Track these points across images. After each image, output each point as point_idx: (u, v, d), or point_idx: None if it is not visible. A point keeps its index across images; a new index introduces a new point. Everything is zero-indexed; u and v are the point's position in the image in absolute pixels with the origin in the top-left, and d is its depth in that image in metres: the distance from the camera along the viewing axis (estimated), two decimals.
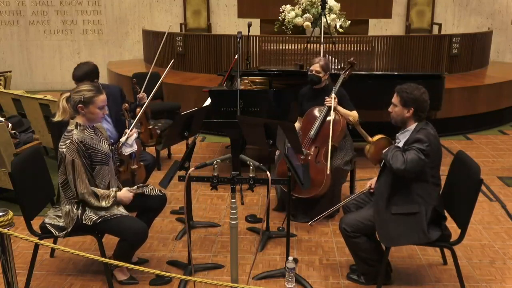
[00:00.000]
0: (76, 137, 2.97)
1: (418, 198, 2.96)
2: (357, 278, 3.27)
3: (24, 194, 3.01)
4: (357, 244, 3.10)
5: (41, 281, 3.31)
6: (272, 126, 3.47)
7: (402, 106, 2.99)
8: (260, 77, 5.27)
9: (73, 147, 2.94)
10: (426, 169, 2.92)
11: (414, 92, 2.97)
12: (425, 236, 2.95)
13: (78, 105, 3.00)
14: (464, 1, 9.56)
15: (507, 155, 5.79)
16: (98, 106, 3.04)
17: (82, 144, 2.97)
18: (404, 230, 2.96)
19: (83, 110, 3.02)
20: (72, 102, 3.02)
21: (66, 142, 2.96)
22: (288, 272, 3.20)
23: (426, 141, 2.88)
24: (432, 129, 2.98)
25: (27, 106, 5.34)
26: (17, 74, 9.40)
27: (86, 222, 3.01)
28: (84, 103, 3.00)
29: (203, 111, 4.14)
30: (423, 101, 2.97)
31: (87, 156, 3.00)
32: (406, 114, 2.99)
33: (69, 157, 2.93)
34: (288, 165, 3.08)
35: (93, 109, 3.02)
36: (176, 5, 9.71)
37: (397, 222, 2.97)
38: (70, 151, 2.94)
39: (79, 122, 3.04)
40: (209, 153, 5.90)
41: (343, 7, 7.06)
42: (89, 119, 3.06)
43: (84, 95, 2.99)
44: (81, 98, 2.99)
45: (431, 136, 2.92)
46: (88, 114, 3.03)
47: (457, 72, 7.38)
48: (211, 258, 3.60)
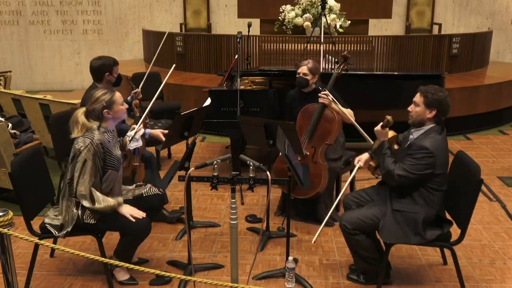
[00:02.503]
0: (97, 138, 2.97)
1: (420, 200, 2.97)
2: (357, 278, 3.28)
3: (24, 194, 3.00)
4: (357, 242, 3.10)
5: (41, 281, 3.31)
6: (272, 126, 3.47)
7: (425, 106, 2.96)
8: (260, 77, 5.27)
9: (91, 147, 2.94)
10: (432, 176, 2.94)
11: (439, 93, 2.94)
12: (421, 238, 2.96)
13: (104, 111, 3.04)
14: (464, 1, 9.56)
15: (507, 155, 5.79)
16: (120, 102, 3.12)
17: (101, 145, 2.98)
18: (404, 229, 2.97)
19: (109, 114, 3.06)
20: (95, 113, 3.04)
21: (85, 141, 2.96)
22: (288, 272, 3.20)
23: (431, 151, 2.86)
24: (443, 138, 2.96)
25: (27, 106, 5.34)
26: (17, 74, 9.40)
27: (88, 221, 3.00)
28: (108, 107, 3.05)
29: (203, 111, 4.14)
30: (446, 104, 2.95)
31: (102, 158, 3.00)
32: (427, 115, 2.96)
33: (83, 156, 2.94)
34: (288, 165, 3.08)
35: (117, 107, 3.09)
36: (176, 5, 9.71)
37: (397, 220, 2.98)
38: (87, 151, 2.94)
39: (102, 125, 3.06)
40: (209, 153, 5.90)
41: (343, 7, 7.07)
42: (116, 118, 3.14)
43: (104, 100, 3.04)
44: (102, 104, 3.03)
45: (438, 145, 2.89)
46: (114, 115, 3.09)
47: (457, 72, 7.38)
48: (211, 258, 3.60)
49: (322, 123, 3.95)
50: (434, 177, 2.94)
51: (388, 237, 3.00)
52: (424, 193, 2.97)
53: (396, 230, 2.98)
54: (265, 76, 5.25)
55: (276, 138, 3.23)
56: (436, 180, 2.96)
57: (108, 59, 4.04)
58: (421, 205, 2.97)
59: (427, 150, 2.87)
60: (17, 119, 4.96)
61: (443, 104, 2.94)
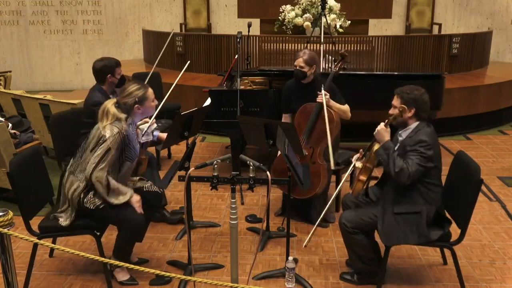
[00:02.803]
0: (125, 129, 3.04)
1: (420, 199, 2.98)
2: (351, 278, 3.27)
3: (23, 194, 3.00)
4: (355, 241, 3.10)
5: (41, 281, 3.31)
6: (272, 126, 3.47)
7: (402, 106, 3.01)
8: (260, 77, 5.27)
9: (118, 137, 2.99)
10: (430, 171, 2.95)
11: (414, 92, 3.01)
12: (425, 238, 2.96)
13: (135, 106, 3.10)
14: (464, 1, 9.56)
15: (507, 155, 5.79)
16: (152, 99, 3.18)
17: (127, 137, 3.05)
18: (405, 230, 2.97)
19: (140, 109, 3.13)
20: (126, 106, 3.10)
21: (113, 129, 3.00)
22: (288, 272, 3.20)
23: (429, 143, 2.89)
24: (434, 131, 3.00)
25: (27, 106, 5.34)
26: (17, 74, 9.40)
27: (88, 206, 3.02)
28: (140, 102, 3.11)
29: (203, 111, 4.14)
30: (423, 101, 3.00)
31: (123, 150, 3.05)
32: (407, 115, 3.01)
33: (108, 144, 2.97)
34: (288, 165, 3.08)
35: (148, 103, 3.17)
36: (176, 5, 9.71)
37: (399, 222, 2.98)
38: (113, 140, 2.98)
39: (129, 117, 3.11)
40: (209, 153, 5.90)
41: (343, 7, 7.07)
42: (144, 114, 3.22)
43: (137, 95, 3.10)
44: (135, 99, 3.09)
45: (432, 138, 2.94)
46: (144, 110, 3.17)
47: (457, 72, 7.37)
48: (211, 258, 3.60)
49: (320, 123, 3.91)
50: (431, 171, 2.95)
51: (390, 240, 3.00)
52: (423, 191, 2.97)
53: (397, 232, 2.98)
54: (265, 76, 5.25)
55: (276, 138, 3.23)
56: (433, 175, 2.97)
57: (110, 60, 4.03)
58: (422, 204, 2.97)
59: (426, 143, 2.90)
60: (17, 119, 4.96)
61: (419, 101, 3.00)
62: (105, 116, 3.06)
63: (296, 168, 3.05)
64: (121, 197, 3.05)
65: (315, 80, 4.12)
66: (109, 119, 3.04)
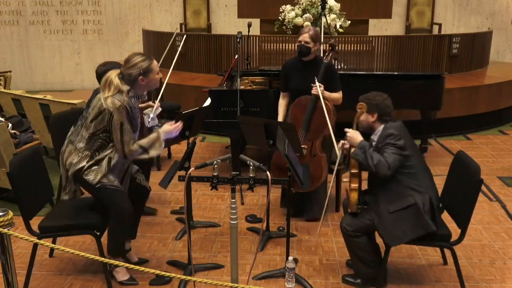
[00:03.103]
0: (127, 102, 2.97)
1: (409, 191, 2.99)
2: (353, 280, 3.27)
3: (23, 194, 3.00)
4: (356, 244, 3.11)
5: (41, 281, 3.31)
6: (272, 126, 3.47)
7: (366, 112, 3.13)
8: (260, 77, 5.26)
9: (123, 111, 2.94)
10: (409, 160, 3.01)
11: (376, 98, 3.14)
12: (428, 226, 2.96)
13: (139, 78, 3.01)
14: (464, 1, 9.55)
15: (507, 155, 5.79)
16: (156, 71, 3.08)
17: (131, 109, 2.99)
18: (407, 225, 2.98)
19: (144, 81, 3.03)
20: (131, 78, 3.00)
21: (115, 102, 2.94)
22: (288, 272, 3.19)
23: (397, 134, 3.01)
24: (400, 123, 3.11)
25: (27, 106, 5.34)
26: (17, 74, 9.40)
27: (87, 178, 3.02)
28: (144, 74, 3.02)
29: (204, 111, 4.14)
30: (385, 106, 3.12)
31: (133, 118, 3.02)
32: (370, 119, 3.13)
33: (118, 119, 2.94)
34: (288, 165, 3.08)
35: (153, 76, 3.06)
36: (176, 5, 9.71)
37: (398, 219, 2.99)
38: (119, 113, 2.94)
39: (132, 90, 3.04)
40: (209, 153, 5.90)
41: (343, 7, 7.06)
42: (148, 87, 3.11)
43: (142, 66, 3.01)
44: (139, 70, 3.00)
45: (400, 128, 3.06)
46: (148, 82, 3.06)
47: (457, 72, 7.37)
48: (211, 258, 3.60)
49: (316, 116, 3.91)
50: (410, 160, 3.00)
51: (395, 241, 3.01)
52: (409, 182, 3.00)
53: (399, 230, 2.99)
54: (265, 76, 5.25)
55: (276, 138, 3.23)
56: (412, 163, 3.01)
57: (113, 65, 4.02)
58: (413, 195, 2.98)
59: (394, 135, 3.01)
60: (17, 119, 4.96)
61: (381, 106, 3.11)
62: (107, 87, 2.99)
63: (296, 168, 3.05)
64: (157, 144, 3.07)
65: (316, 58, 4.08)
66: (111, 91, 2.97)
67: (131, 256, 3.49)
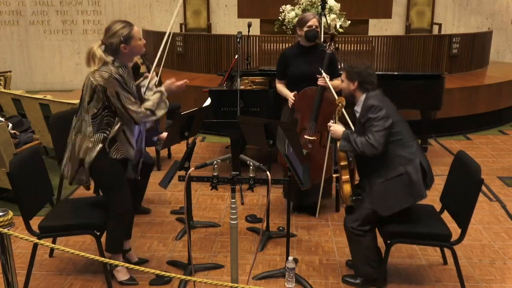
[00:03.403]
0: (114, 71, 2.90)
1: (396, 160, 2.99)
2: (353, 280, 3.27)
3: (23, 194, 3.00)
4: (362, 243, 3.11)
5: (41, 281, 3.31)
6: (272, 126, 3.47)
7: (347, 80, 3.15)
8: (260, 77, 5.27)
9: (112, 80, 2.88)
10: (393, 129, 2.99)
11: (358, 66, 3.14)
12: (419, 196, 2.99)
13: (121, 46, 2.93)
14: (464, 1, 9.55)
15: (507, 155, 5.79)
16: (138, 37, 3.00)
17: (121, 78, 2.92)
18: (398, 194, 2.99)
19: (126, 49, 2.96)
20: (112, 47, 2.93)
21: (103, 75, 2.88)
22: (288, 272, 3.19)
23: (378, 105, 2.98)
24: (380, 92, 3.11)
25: (27, 106, 5.34)
26: (17, 74, 9.40)
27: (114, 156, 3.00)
28: (126, 41, 2.94)
29: (203, 111, 4.14)
30: (367, 74, 3.10)
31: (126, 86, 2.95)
32: (351, 87, 3.13)
33: (112, 91, 2.89)
34: (288, 165, 3.08)
35: (134, 42, 2.98)
36: (176, 5, 9.71)
37: (388, 189, 3.00)
38: (111, 84, 2.88)
39: (117, 60, 2.97)
40: (209, 153, 5.90)
41: (343, 7, 7.06)
42: (132, 54, 3.04)
43: (122, 34, 2.93)
44: (120, 38, 2.92)
45: (379, 96, 3.05)
46: (131, 50, 2.99)
47: (457, 72, 7.37)
48: (211, 258, 3.60)
49: (324, 107, 3.93)
50: (394, 128, 2.98)
51: (387, 209, 3.02)
52: (395, 150, 2.99)
53: (390, 199, 3.01)
54: (265, 76, 5.25)
55: (276, 138, 3.23)
56: (396, 131, 2.99)
57: None
58: (402, 165, 2.98)
59: (374, 106, 2.99)
60: (17, 119, 4.95)
61: (363, 74, 3.10)
62: (92, 60, 2.92)
63: (296, 168, 3.05)
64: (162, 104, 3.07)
65: (317, 44, 4.09)
66: (96, 63, 2.90)
67: (131, 256, 3.49)
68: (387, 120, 2.96)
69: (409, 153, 3.00)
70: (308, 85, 3.99)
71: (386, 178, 3.02)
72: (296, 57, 4.11)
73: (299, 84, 4.01)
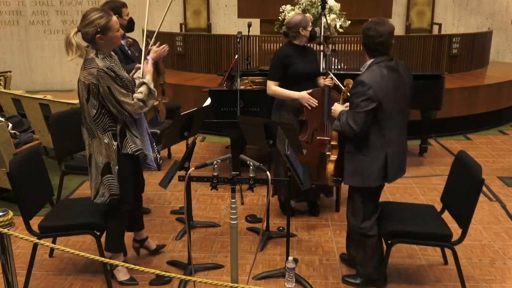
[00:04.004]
0: (101, 65, 2.82)
1: (366, 142, 2.95)
2: (353, 280, 3.26)
3: (23, 194, 3.00)
4: (369, 243, 3.11)
5: (41, 281, 3.31)
6: (272, 126, 3.47)
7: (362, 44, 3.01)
8: (260, 77, 5.27)
9: (102, 74, 2.80)
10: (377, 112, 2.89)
11: (375, 27, 2.89)
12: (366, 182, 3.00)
13: (97, 36, 2.82)
14: (464, 1, 9.55)
15: (507, 155, 5.79)
16: (116, 29, 2.89)
17: (109, 70, 2.84)
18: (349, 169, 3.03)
19: (102, 40, 2.85)
20: (88, 36, 2.84)
21: (91, 71, 2.81)
22: (288, 272, 3.20)
23: (367, 83, 2.84)
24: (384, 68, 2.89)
25: (27, 106, 5.34)
26: (17, 74, 9.39)
27: (127, 151, 2.98)
28: (102, 32, 2.83)
29: (203, 111, 4.14)
30: (368, 36, 2.90)
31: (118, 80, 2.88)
32: (362, 50, 3.01)
33: (103, 86, 2.81)
34: (288, 165, 3.08)
35: (112, 33, 2.88)
36: (176, 5, 9.70)
37: (347, 160, 3.04)
38: (102, 79, 2.81)
39: (99, 50, 2.88)
40: (209, 153, 5.90)
41: (343, 7, 7.05)
42: (108, 45, 2.91)
43: (99, 24, 2.82)
44: (96, 28, 2.81)
45: (375, 76, 2.87)
46: (107, 41, 2.87)
47: (457, 72, 7.37)
48: (211, 258, 3.60)
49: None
50: (380, 112, 2.88)
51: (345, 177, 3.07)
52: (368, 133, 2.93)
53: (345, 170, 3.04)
54: (265, 76, 5.23)
55: (276, 138, 3.23)
56: (381, 116, 2.89)
57: (115, 2, 3.89)
58: (368, 147, 2.95)
59: (363, 84, 2.85)
60: (17, 119, 4.95)
61: (366, 37, 2.90)
62: (69, 48, 2.81)
63: (296, 168, 3.05)
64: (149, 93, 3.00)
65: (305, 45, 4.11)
66: (74, 52, 2.80)
67: (150, 243, 3.56)
68: (371, 103, 2.83)
69: (378, 142, 2.94)
70: (310, 83, 3.99)
71: (349, 151, 3.04)
72: (296, 56, 4.08)
73: (302, 83, 3.99)
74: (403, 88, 2.97)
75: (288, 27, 4.01)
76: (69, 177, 4.55)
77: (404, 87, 2.97)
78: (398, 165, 3.05)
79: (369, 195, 3.09)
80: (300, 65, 4.01)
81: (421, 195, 4.65)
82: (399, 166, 3.06)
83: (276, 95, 4.04)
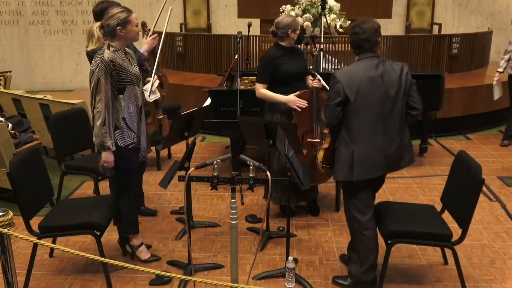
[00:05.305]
0: (107, 56, 3.06)
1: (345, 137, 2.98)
2: (343, 281, 3.24)
3: (23, 194, 3.01)
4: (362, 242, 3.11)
5: (41, 281, 3.31)
6: (272, 126, 3.47)
7: None
8: None
9: (102, 65, 3.03)
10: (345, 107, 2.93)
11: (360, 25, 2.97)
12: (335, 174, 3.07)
13: (117, 28, 3.11)
14: (464, 1, 9.55)
15: (507, 155, 5.79)
16: (135, 23, 3.20)
17: (112, 63, 3.06)
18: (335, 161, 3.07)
19: (122, 32, 3.13)
20: (109, 28, 3.11)
21: (96, 60, 3.06)
22: (288, 272, 3.20)
23: (338, 78, 2.92)
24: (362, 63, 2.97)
25: (27, 106, 5.34)
26: (17, 74, 9.39)
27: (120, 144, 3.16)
28: (122, 25, 3.12)
29: (203, 111, 4.14)
30: (353, 33, 2.99)
31: (114, 75, 3.07)
32: None
33: (96, 75, 3.04)
34: (288, 165, 3.08)
35: (131, 27, 3.17)
36: (176, 5, 9.70)
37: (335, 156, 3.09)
38: (99, 70, 3.03)
39: (112, 44, 3.14)
40: (209, 153, 5.90)
41: (343, 7, 7.06)
42: (127, 39, 3.20)
43: (120, 17, 3.12)
44: (117, 21, 3.11)
45: (349, 71, 2.98)
46: (127, 34, 3.16)
47: (457, 72, 7.37)
48: (211, 258, 3.60)
49: (322, 107, 3.92)
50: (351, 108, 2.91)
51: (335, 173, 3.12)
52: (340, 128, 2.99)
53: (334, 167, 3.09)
54: None
55: (276, 138, 3.23)
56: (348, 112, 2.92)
57: (110, 2, 3.93)
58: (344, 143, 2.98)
59: (333, 78, 2.95)
60: (17, 119, 4.96)
61: (352, 32, 3.01)
62: (90, 39, 3.12)
63: (296, 168, 3.05)
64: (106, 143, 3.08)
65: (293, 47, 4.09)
66: (94, 43, 3.10)
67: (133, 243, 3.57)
68: (337, 97, 2.91)
69: (348, 137, 2.97)
70: (300, 82, 3.97)
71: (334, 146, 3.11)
72: (284, 57, 4.01)
73: (291, 83, 3.94)
74: (383, 87, 2.92)
75: (278, 27, 3.93)
76: (69, 177, 4.55)
77: (384, 87, 2.91)
78: (371, 166, 2.95)
79: (351, 189, 3.06)
80: (289, 65, 3.96)
81: (421, 195, 4.65)
82: (372, 166, 2.96)
83: (264, 98, 4.00)
